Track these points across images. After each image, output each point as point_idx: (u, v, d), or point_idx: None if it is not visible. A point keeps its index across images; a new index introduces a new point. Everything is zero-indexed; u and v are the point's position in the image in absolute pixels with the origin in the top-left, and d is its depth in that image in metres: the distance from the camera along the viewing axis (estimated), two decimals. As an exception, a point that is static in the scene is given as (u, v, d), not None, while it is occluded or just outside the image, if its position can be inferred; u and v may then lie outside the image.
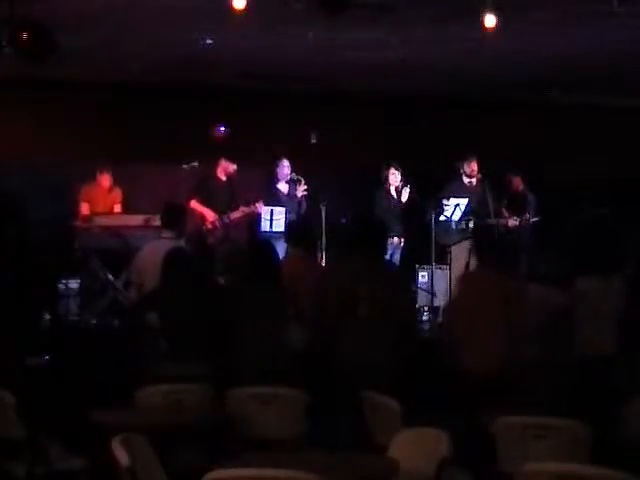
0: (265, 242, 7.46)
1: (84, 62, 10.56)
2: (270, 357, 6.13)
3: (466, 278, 6.80)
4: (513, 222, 10.75)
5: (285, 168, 10.67)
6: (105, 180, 10.46)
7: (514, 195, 11.09)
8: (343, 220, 10.69)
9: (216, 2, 8.08)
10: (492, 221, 10.43)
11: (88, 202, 10.39)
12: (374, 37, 9.56)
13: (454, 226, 10.44)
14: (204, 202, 10.34)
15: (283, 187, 10.70)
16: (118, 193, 10.56)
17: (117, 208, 10.49)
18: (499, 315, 6.34)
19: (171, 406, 5.49)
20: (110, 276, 9.53)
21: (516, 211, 10.82)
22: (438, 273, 10.35)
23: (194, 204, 10.31)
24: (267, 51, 10.11)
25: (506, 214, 10.81)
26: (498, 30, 8.48)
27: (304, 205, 10.67)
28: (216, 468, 3.97)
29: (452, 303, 6.72)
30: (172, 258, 6.57)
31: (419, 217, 10.60)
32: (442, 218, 10.43)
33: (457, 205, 10.46)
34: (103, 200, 10.46)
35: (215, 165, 10.55)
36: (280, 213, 10.24)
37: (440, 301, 9.94)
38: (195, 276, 6.47)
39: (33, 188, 10.75)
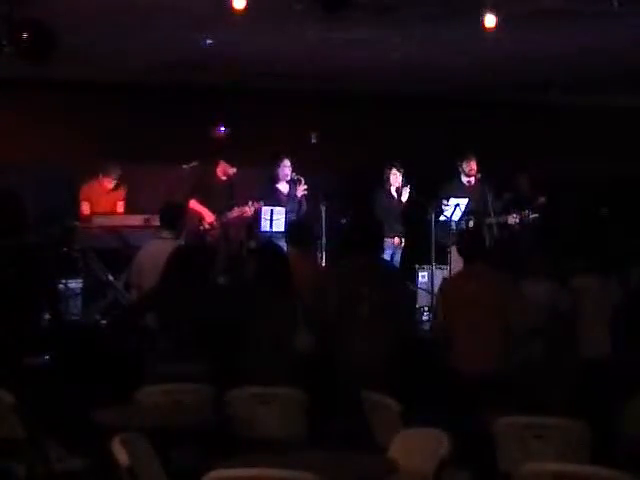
0: (273, 244, 7.43)
1: (84, 62, 10.55)
2: (279, 359, 6.12)
3: (463, 277, 6.80)
4: (513, 219, 10.73)
5: (285, 168, 10.65)
6: (108, 181, 10.42)
7: (519, 194, 11.08)
8: (343, 220, 10.69)
9: (216, 2, 8.08)
10: (492, 220, 10.44)
11: (88, 201, 10.36)
12: (374, 37, 9.56)
13: (454, 226, 10.44)
14: (203, 202, 10.33)
15: (283, 187, 10.68)
16: (122, 191, 10.52)
17: (120, 206, 10.45)
18: (497, 314, 6.34)
19: (171, 406, 5.49)
20: (110, 276, 9.52)
21: (519, 209, 10.78)
22: (438, 273, 10.35)
23: (193, 204, 10.29)
24: (267, 51, 10.09)
25: (507, 212, 10.78)
26: (498, 30, 8.48)
27: (304, 205, 10.66)
28: (216, 468, 3.97)
29: (449, 302, 6.68)
30: (176, 257, 6.54)
31: (419, 217, 10.60)
32: (442, 218, 10.44)
33: (457, 205, 10.47)
34: (105, 198, 10.42)
35: (215, 165, 10.54)
36: (280, 213, 10.22)
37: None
38: (196, 276, 6.45)
39: (33, 188, 10.74)
